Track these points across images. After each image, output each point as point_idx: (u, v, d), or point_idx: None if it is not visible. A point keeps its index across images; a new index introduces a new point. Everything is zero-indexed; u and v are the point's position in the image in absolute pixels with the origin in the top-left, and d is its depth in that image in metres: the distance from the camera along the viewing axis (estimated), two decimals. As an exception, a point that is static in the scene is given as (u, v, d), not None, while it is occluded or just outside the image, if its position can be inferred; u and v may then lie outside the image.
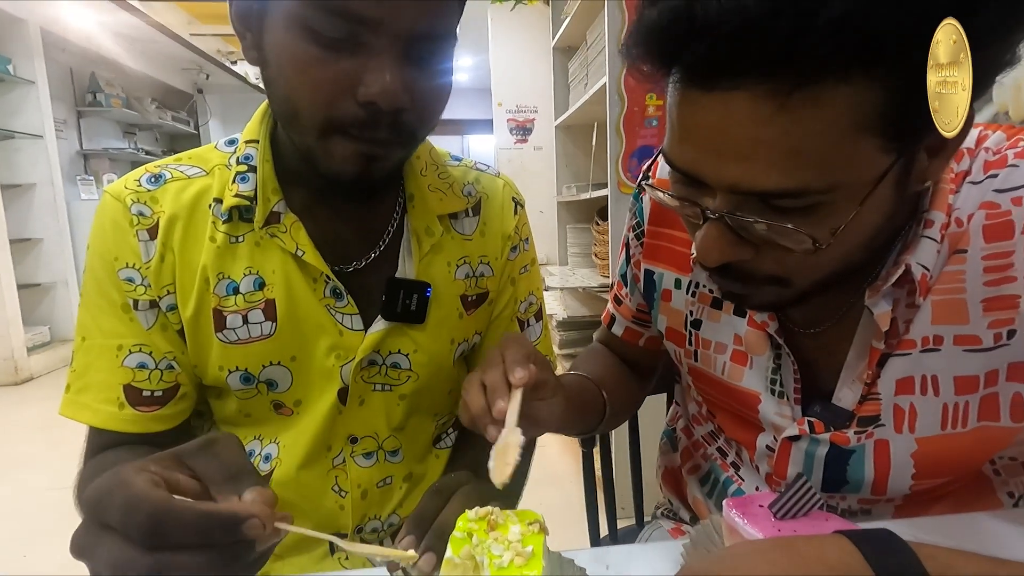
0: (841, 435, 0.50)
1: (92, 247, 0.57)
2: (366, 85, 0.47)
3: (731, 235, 0.41)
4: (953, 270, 0.46)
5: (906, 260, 0.45)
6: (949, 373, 0.47)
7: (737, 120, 0.36)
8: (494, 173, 0.72)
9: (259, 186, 0.56)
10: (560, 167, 2.49)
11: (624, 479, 0.90)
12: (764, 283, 0.45)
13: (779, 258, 0.42)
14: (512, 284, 0.70)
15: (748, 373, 0.56)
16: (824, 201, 0.37)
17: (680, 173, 0.42)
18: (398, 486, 0.67)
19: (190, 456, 0.36)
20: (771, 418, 0.54)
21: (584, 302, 2.39)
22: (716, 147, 0.38)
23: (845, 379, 0.51)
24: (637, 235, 0.66)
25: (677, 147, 0.41)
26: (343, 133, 0.49)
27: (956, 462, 0.49)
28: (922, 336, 0.47)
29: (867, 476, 0.50)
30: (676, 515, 0.73)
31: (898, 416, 0.49)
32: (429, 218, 0.62)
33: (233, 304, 0.57)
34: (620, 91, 1.59)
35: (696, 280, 0.60)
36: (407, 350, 0.62)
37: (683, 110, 0.39)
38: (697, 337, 0.61)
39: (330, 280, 0.58)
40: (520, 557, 0.34)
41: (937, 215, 0.45)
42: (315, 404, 0.60)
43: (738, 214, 0.39)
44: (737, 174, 0.38)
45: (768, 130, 0.35)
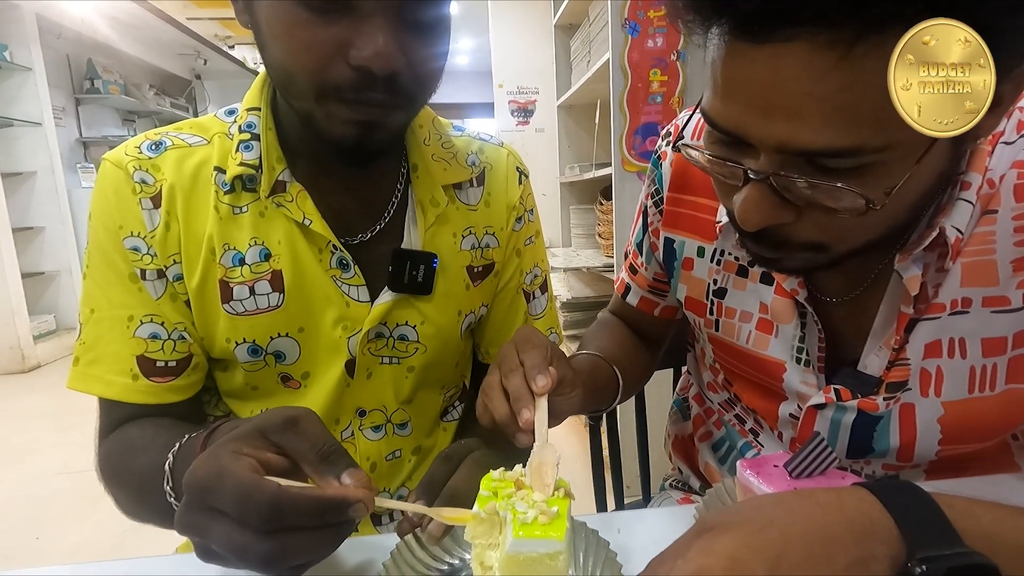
0: (869, 401, 0.50)
1: (95, 216, 0.56)
2: (358, 48, 0.45)
3: (774, 197, 0.39)
4: (983, 231, 0.45)
5: (940, 223, 0.44)
6: (977, 335, 0.46)
7: (791, 74, 0.34)
8: (497, 143, 0.71)
9: (263, 154, 0.55)
10: (562, 148, 2.46)
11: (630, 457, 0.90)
12: (801, 249, 0.43)
13: (822, 222, 0.40)
14: (517, 255, 0.69)
15: (773, 342, 0.55)
16: (878, 161, 0.35)
17: (721, 132, 0.40)
18: (407, 459, 0.67)
19: (276, 434, 0.38)
20: (796, 387, 0.54)
21: (588, 283, 2.38)
22: (765, 104, 0.36)
23: (872, 346, 0.51)
24: (656, 202, 0.65)
25: (720, 104, 0.39)
26: (338, 98, 0.48)
27: (983, 427, 0.49)
28: (951, 299, 0.47)
29: (893, 442, 0.50)
30: (686, 484, 0.73)
31: (924, 380, 0.48)
32: (434, 188, 0.62)
33: (239, 275, 0.56)
34: (623, 67, 1.56)
35: (722, 247, 0.59)
36: (414, 322, 0.61)
37: (729, 65, 0.37)
38: (720, 306, 0.60)
39: (337, 250, 0.57)
40: (544, 516, 0.33)
41: (974, 176, 0.44)
42: (323, 376, 0.60)
43: (784, 174, 0.37)
44: (787, 132, 0.36)
45: (824, 84, 0.33)
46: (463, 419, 0.73)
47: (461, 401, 0.73)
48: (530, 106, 3.57)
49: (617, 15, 1.53)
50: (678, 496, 0.73)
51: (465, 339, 0.68)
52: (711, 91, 0.40)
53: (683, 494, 0.73)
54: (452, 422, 0.72)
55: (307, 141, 0.57)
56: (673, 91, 1.60)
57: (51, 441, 2.53)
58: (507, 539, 0.33)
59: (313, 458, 0.37)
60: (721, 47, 0.37)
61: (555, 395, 0.47)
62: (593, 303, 2.31)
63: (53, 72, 4.01)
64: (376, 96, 0.48)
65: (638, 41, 1.56)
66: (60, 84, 4.28)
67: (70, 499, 2.00)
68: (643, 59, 1.57)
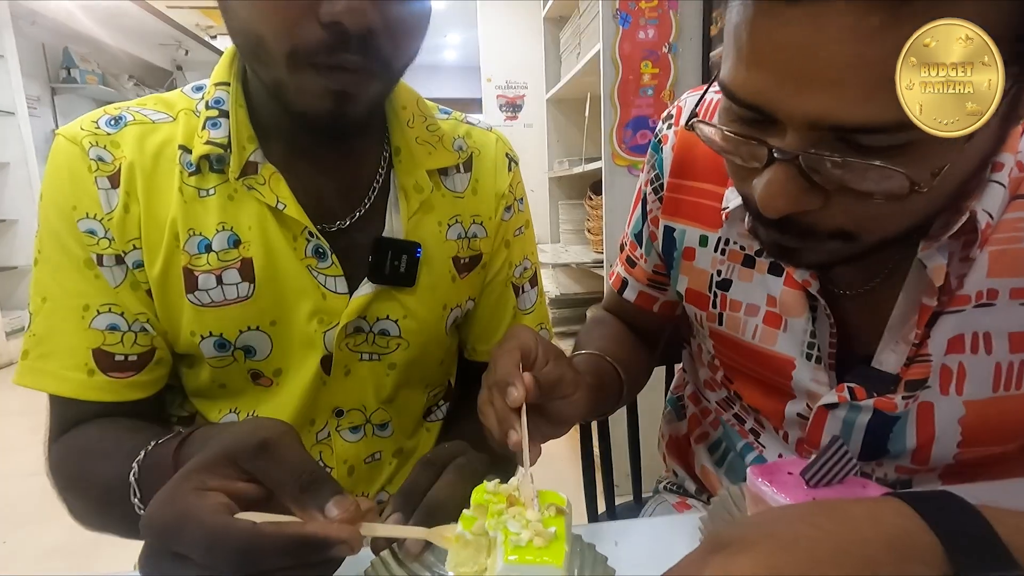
0: (887, 401, 0.46)
1: (46, 197, 0.51)
2: (330, 2, 0.41)
3: (802, 180, 0.35)
4: (1013, 217, 0.42)
5: (971, 207, 0.40)
6: (1004, 329, 0.43)
7: (832, 36, 0.30)
8: (486, 127, 0.67)
9: (233, 133, 0.51)
10: (551, 142, 2.43)
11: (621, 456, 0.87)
12: (827, 238, 0.39)
13: (853, 208, 0.36)
14: (506, 247, 0.66)
15: (782, 337, 0.52)
16: (923, 138, 0.31)
17: (744, 107, 0.36)
18: (387, 461, 0.63)
19: (248, 460, 0.33)
20: (806, 385, 0.50)
21: (577, 279, 2.36)
22: (800, 72, 0.32)
23: (888, 341, 0.47)
24: (655, 189, 0.61)
25: (744, 74, 0.34)
26: (311, 63, 0.44)
27: (1007, 428, 0.46)
28: (976, 291, 0.43)
29: (909, 444, 0.47)
30: (681, 487, 0.70)
31: (945, 378, 0.45)
32: (418, 173, 0.57)
33: (205, 263, 0.51)
34: (614, 58, 1.53)
35: (727, 236, 0.55)
36: (396, 316, 0.57)
37: (758, 29, 0.32)
38: (724, 299, 0.56)
39: (313, 237, 0.53)
40: (540, 538, 0.29)
41: (1007, 157, 0.41)
42: (296, 373, 0.56)
43: (815, 152, 0.33)
44: (823, 104, 0.32)
45: (870, 49, 0.29)
46: (447, 419, 0.69)
47: (446, 400, 0.69)
48: (519, 101, 3.53)
49: (608, 6, 1.50)
50: (673, 499, 0.69)
51: (451, 335, 0.64)
52: (733, 60, 0.35)
53: (678, 497, 0.70)
54: (436, 422, 0.68)
55: (280, 118, 0.53)
56: (664, 84, 1.57)
57: (23, 441, 2.45)
58: (497, 563, 0.29)
59: (292, 488, 0.33)
60: (748, 7, 0.33)
61: (557, 398, 0.44)
62: (582, 300, 2.29)
63: (28, 61, 3.89)
64: (351, 58, 0.44)
65: (629, 32, 1.53)
66: (35, 73, 4.15)
67: (41, 501, 1.93)
68: (634, 51, 1.54)
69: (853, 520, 0.27)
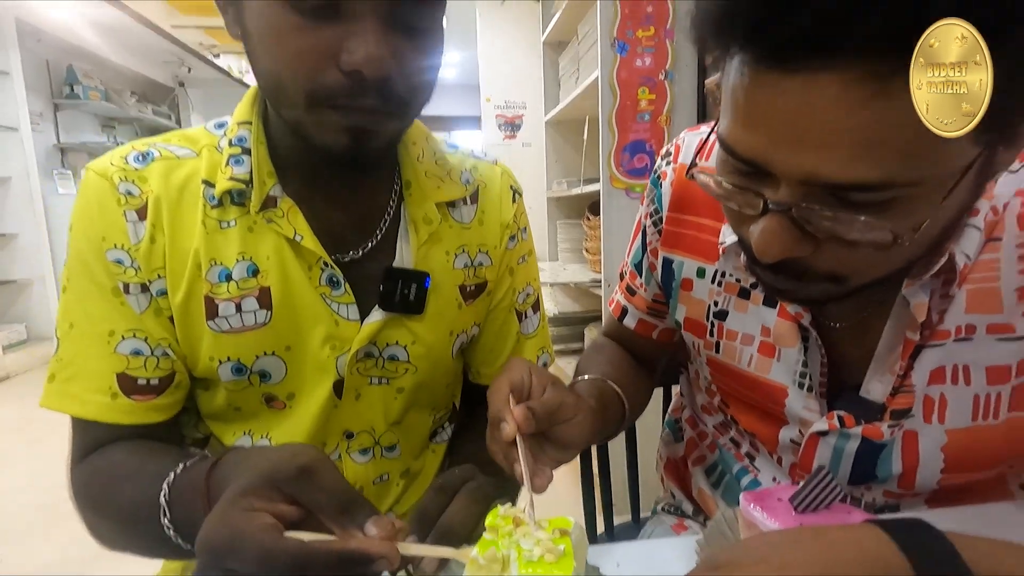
0: (873, 428, 0.49)
1: (76, 227, 0.54)
2: (349, 52, 0.44)
3: (795, 229, 0.38)
4: (988, 258, 0.45)
5: (950, 248, 0.44)
6: (981, 363, 0.46)
7: (823, 105, 0.32)
8: (491, 161, 0.70)
9: (254, 169, 0.54)
10: (550, 162, 2.47)
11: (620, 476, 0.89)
12: (818, 280, 0.42)
13: (841, 255, 0.39)
14: (510, 274, 0.68)
15: (776, 366, 0.54)
16: (903, 196, 0.34)
17: (741, 162, 0.38)
18: (395, 482, 0.65)
19: (290, 485, 0.37)
20: (798, 412, 0.53)
21: (575, 298, 2.38)
22: (793, 134, 0.34)
23: (875, 371, 0.50)
24: (655, 222, 0.64)
25: (741, 132, 0.37)
26: (330, 105, 0.47)
27: (986, 456, 0.48)
28: (955, 326, 0.47)
29: (895, 469, 0.50)
30: (679, 509, 0.72)
31: (928, 407, 0.48)
32: (427, 206, 0.60)
33: (225, 291, 0.54)
34: (612, 85, 1.58)
35: (723, 269, 0.58)
36: (405, 342, 0.60)
37: (755, 93, 0.35)
38: (721, 328, 0.59)
39: (327, 267, 0.56)
40: (551, 554, 0.32)
41: (982, 203, 0.44)
42: (309, 397, 0.58)
43: (806, 206, 0.36)
44: (815, 164, 0.34)
45: (857, 117, 0.32)
46: (452, 440, 0.71)
47: (451, 422, 0.71)
48: (517, 120, 3.59)
49: (606, 34, 1.55)
50: (671, 521, 0.71)
51: (456, 359, 0.66)
52: (731, 118, 0.38)
53: (676, 519, 0.72)
54: (442, 444, 0.70)
55: (299, 155, 0.56)
56: (661, 109, 1.61)
57: (18, 455, 2.44)
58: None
59: (333, 510, 0.37)
60: (745, 73, 0.35)
61: (559, 422, 0.46)
62: (580, 318, 2.31)
63: (32, 77, 3.93)
64: (368, 102, 0.47)
65: (627, 60, 1.57)
66: (39, 89, 4.19)
67: (36, 516, 1.93)
68: (631, 78, 1.58)
69: (836, 545, 0.30)
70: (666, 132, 1.62)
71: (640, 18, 1.56)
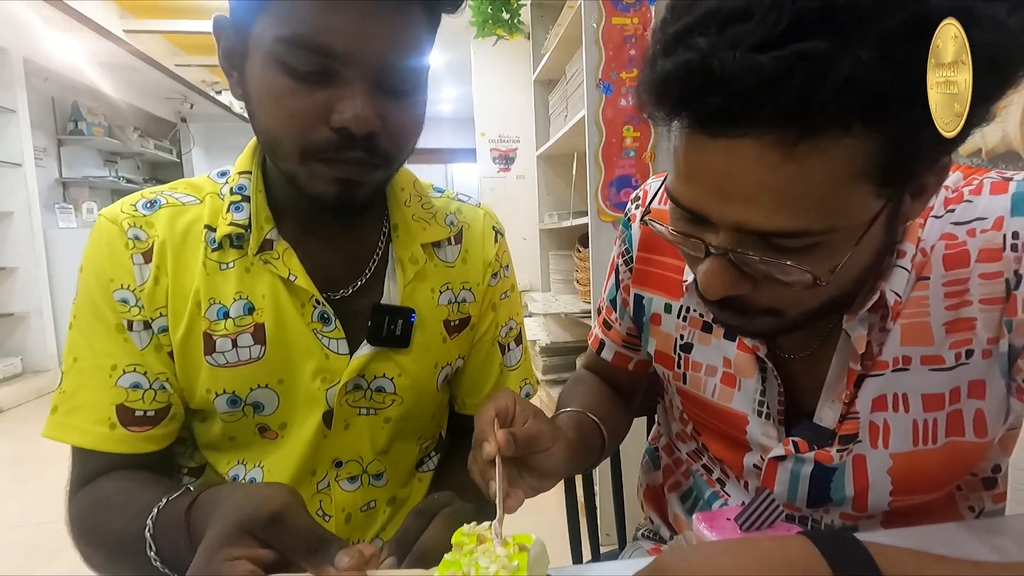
0: (824, 453, 0.53)
1: (86, 268, 0.58)
2: (338, 112, 0.50)
3: (733, 270, 0.43)
4: (918, 295, 0.50)
5: (881, 287, 0.48)
6: (917, 391, 0.50)
7: (743, 166, 0.37)
8: (475, 204, 0.75)
9: (252, 215, 0.59)
10: (542, 195, 2.54)
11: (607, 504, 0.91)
12: (760, 314, 0.47)
13: (776, 292, 0.44)
14: (493, 309, 0.72)
15: (737, 395, 0.58)
16: (822, 242, 0.39)
17: (684, 211, 0.43)
18: (382, 510, 0.67)
19: (263, 531, 0.40)
20: (758, 439, 0.57)
21: (567, 327, 2.42)
22: (721, 189, 0.39)
23: (825, 399, 0.54)
24: (626, 261, 0.68)
25: (682, 186, 0.42)
26: (321, 159, 0.52)
27: (930, 478, 0.52)
28: (893, 357, 0.51)
29: (848, 492, 0.53)
30: (657, 534, 0.75)
31: (873, 433, 0.52)
32: (413, 246, 0.65)
33: (223, 328, 0.58)
34: (598, 123, 1.64)
35: (687, 305, 0.63)
36: (391, 374, 0.63)
37: (689, 153, 0.40)
38: (687, 360, 0.63)
39: (319, 304, 0.60)
40: (505, 570, 0.35)
41: (908, 246, 0.49)
42: (300, 427, 0.61)
43: (741, 251, 0.41)
44: (742, 215, 0.39)
45: (773, 176, 0.37)
46: (438, 469, 0.74)
47: (437, 451, 0.74)
48: (511, 154, 3.68)
49: (592, 75, 1.63)
50: (648, 546, 0.74)
51: (442, 390, 0.70)
52: (674, 173, 0.43)
53: (654, 544, 0.74)
54: (428, 472, 0.73)
55: (293, 201, 0.60)
56: (645, 146, 1.68)
57: (9, 491, 2.42)
58: None
59: (304, 552, 0.40)
60: (682, 137, 0.41)
61: (536, 451, 0.49)
62: (572, 348, 2.34)
63: (37, 114, 4.03)
64: (355, 155, 0.52)
65: (612, 100, 1.65)
66: (43, 125, 4.29)
67: (27, 553, 1.91)
68: (617, 116, 1.65)
69: (766, 554, 0.34)
70: (651, 167, 1.69)
71: (623, 61, 1.63)
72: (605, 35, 1.62)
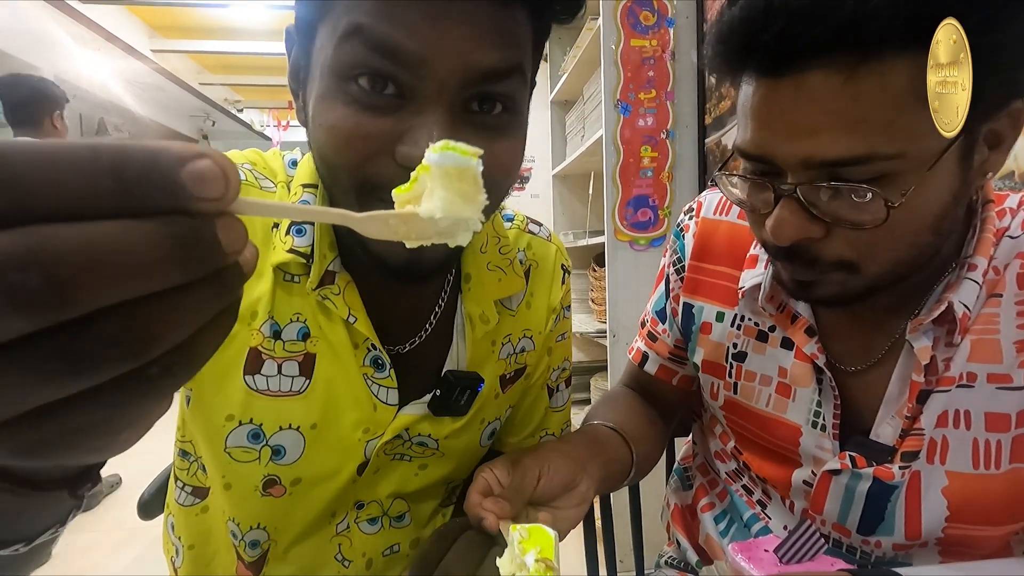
0: (885, 470, 0.51)
1: None
2: (407, 144, 0.39)
3: (803, 212, 0.44)
4: (989, 312, 0.49)
5: (949, 298, 0.47)
6: (981, 409, 0.49)
7: (809, 97, 0.40)
8: (545, 236, 0.66)
9: (316, 240, 0.49)
10: (557, 214, 2.54)
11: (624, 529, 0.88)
12: (832, 268, 0.46)
13: (849, 236, 0.44)
14: (549, 354, 0.66)
15: (791, 406, 0.57)
16: (892, 170, 0.40)
17: (753, 160, 0.45)
18: (405, 554, 0.62)
19: None
20: (811, 451, 0.55)
21: (582, 348, 2.39)
22: (788, 127, 0.42)
23: (884, 415, 0.52)
24: (677, 270, 0.68)
25: (750, 135, 0.44)
26: (380, 200, 0.39)
27: (990, 508, 0.49)
28: (959, 373, 0.49)
29: (902, 513, 0.51)
30: (683, 560, 0.72)
31: (931, 450, 0.50)
32: (486, 303, 0.56)
33: (272, 349, 0.50)
34: (616, 143, 1.65)
35: (742, 313, 0.62)
36: (438, 435, 0.57)
37: (756, 99, 0.43)
38: (740, 369, 0.62)
39: (374, 348, 0.52)
40: None
41: (980, 260, 0.48)
42: (329, 480, 0.54)
43: (810, 184, 0.42)
44: (809, 147, 0.41)
45: (837, 101, 0.39)
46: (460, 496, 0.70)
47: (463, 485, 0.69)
48: (525, 173, 3.69)
49: (610, 96, 1.63)
50: (673, 575, 0.71)
51: (486, 444, 0.63)
52: (743, 127, 0.46)
53: (679, 573, 0.71)
54: (451, 507, 0.68)
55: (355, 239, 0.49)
56: (663, 166, 1.68)
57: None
58: None
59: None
60: (750, 87, 0.44)
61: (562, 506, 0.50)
62: (587, 368, 2.31)
63: (64, 129, 4.14)
64: None
65: (630, 120, 1.65)
66: (70, 141, 4.40)
67: (36, 565, 1.90)
68: (634, 136, 1.66)
69: None
70: (668, 188, 1.68)
71: (642, 82, 1.64)
72: (623, 56, 1.63)
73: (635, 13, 1.62)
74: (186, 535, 0.61)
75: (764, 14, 0.39)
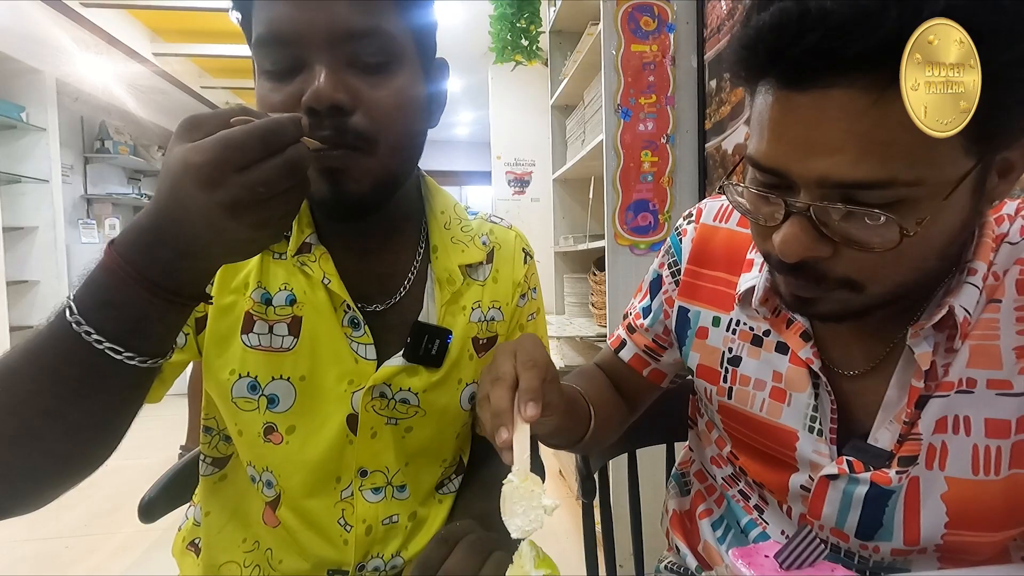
0: (882, 475, 0.51)
1: None
2: (305, 93, 0.50)
3: (813, 231, 0.43)
4: (988, 318, 0.49)
5: (949, 302, 0.47)
6: (981, 415, 0.49)
7: (832, 115, 0.38)
8: (507, 226, 0.76)
9: (296, 220, 0.60)
10: (557, 218, 2.55)
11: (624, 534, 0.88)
12: (836, 287, 0.46)
13: (857, 258, 0.43)
14: (520, 329, 0.73)
15: (786, 410, 0.57)
16: (909, 196, 0.39)
17: (767, 173, 0.44)
18: (403, 525, 0.66)
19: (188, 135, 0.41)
20: (808, 456, 0.55)
21: (581, 351, 2.39)
22: (807, 143, 0.40)
23: (882, 420, 0.52)
24: (672, 272, 0.68)
25: (766, 146, 0.43)
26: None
27: (989, 514, 0.49)
28: (958, 378, 0.49)
29: (900, 519, 0.51)
30: (682, 566, 0.72)
31: (930, 455, 0.50)
32: (451, 267, 0.66)
33: (264, 313, 0.59)
34: (616, 147, 1.65)
35: (738, 317, 0.62)
36: (416, 388, 0.63)
37: (776, 111, 0.41)
38: (735, 374, 0.62)
39: (349, 309, 0.60)
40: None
41: (980, 264, 0.48)
42: (320, 430, 0.61)
43: (822, 205, 0.41)
44: (826, 167, 0.40)
45: (861, 123, 0.38)
46: (459, 495, 0.73)
47: (458, 474, 0.73)
48: (526, 177, 3.71)
49: (610, 101, 1.64)
50: (672, 580, 0.71)
51: (465, 409, 0.69)
52: (757, 137, 0.44)
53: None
54: (448, 495, 0.72)
55: None
56: (663, 171, 1.68)
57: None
58: None
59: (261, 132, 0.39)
60: (768, 97, 0.42)
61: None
62: (586, 372, 2.31)
63: (66, 132, 4.15)
64: (324, 133, 0.49)
65: (630, 125, 1.66)
66: (71, 143, 4.42)
67: (34, 568, 1.90)
68: (635, 141, 1.66)
69: None
70: (668, 192, 1.69)
71: (642, 87, 1.65)
72: (624, 62, 1.63)
73: (636, 18, 1.63)
74: (204, 504, 0.67)
75: (798, 24, 0.37)
